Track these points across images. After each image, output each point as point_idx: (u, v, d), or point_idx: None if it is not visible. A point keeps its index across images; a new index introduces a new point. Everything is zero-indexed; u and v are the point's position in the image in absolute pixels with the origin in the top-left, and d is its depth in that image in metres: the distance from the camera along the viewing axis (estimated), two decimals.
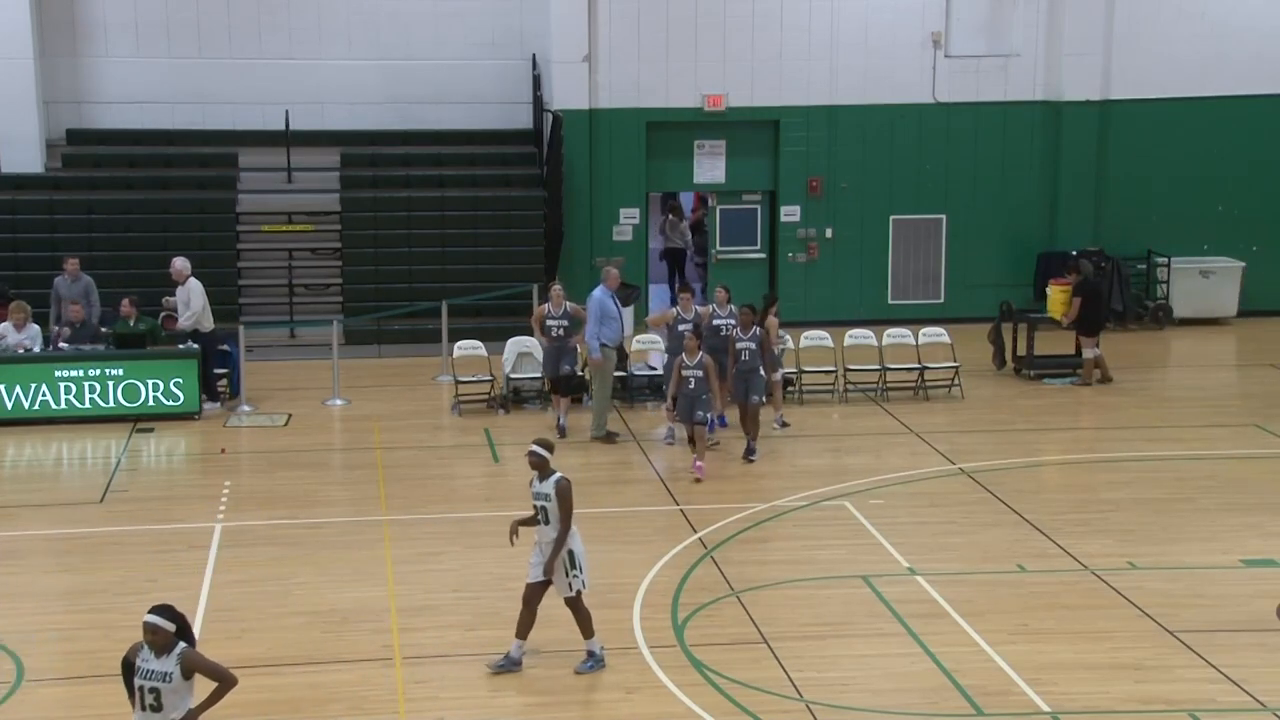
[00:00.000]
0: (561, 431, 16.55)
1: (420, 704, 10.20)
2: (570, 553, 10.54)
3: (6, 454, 16.55)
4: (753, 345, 15.86)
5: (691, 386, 15.18)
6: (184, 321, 18.11)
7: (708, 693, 10.32)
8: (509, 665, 10.65)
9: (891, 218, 23.14)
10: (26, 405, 17.34)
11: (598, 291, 16.82)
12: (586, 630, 10.73)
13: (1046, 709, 10.12)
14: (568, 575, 10.56)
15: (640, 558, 12.98)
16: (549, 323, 16.85)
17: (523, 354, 18.17)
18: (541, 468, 10.55)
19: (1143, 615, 11.68)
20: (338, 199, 22.17)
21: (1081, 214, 23.16)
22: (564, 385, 16.85)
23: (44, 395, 17.38)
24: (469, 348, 18.61)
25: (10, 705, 10.17)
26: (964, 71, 22.85)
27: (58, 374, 17.40)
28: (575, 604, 10.65)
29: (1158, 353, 21.66)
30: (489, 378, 18.01)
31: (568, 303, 16.93)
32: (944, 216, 23.24)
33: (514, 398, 18.03)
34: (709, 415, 15.41)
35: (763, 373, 15.98)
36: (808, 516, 14.19)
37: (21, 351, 17.67)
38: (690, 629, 11.44)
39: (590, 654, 10.74)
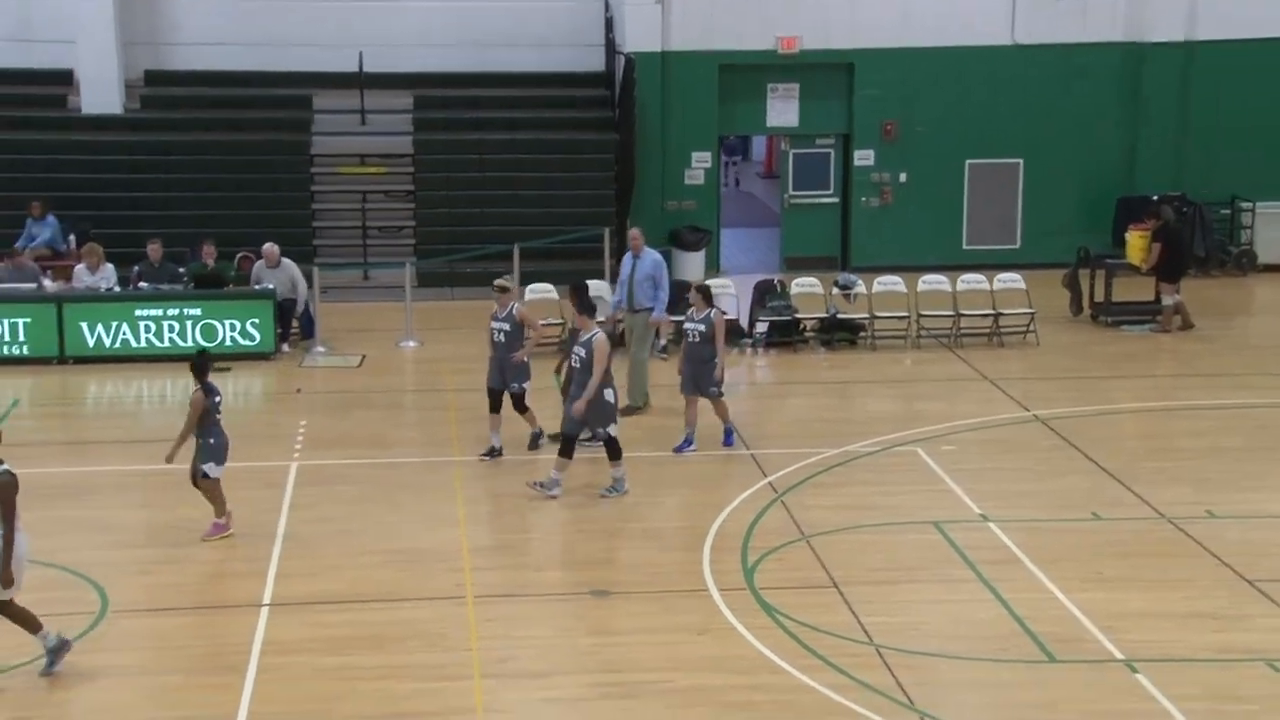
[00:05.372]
0: (533, 441, 14.43)
1: (491, 642, 10.30)
2: None
3: (88, 391, 16.86)
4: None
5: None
6: (301, 301, 18.24)
7: (777, 635, 10.34)
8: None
9: (967, 162, 22.82)
10: (107, 344, 17.66)
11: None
12: (30, 628, 9.70)
13: (1120, 656, 10.03)
14: None
15: (711, 501, 13.00)
16: (492, 325, 14.19)
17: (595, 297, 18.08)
18: None
19: (1220, 564, 11.54)
20: (410, 141, 22.23)
21: (1162, 158, 22.72)
22: (517, 403, 14.25)
23: (124, 334, 17.67)
24: (540, 290, 18.63)
25: (95, 635, 10.40)
26: (1043, 12, 22.40)
27: (137, 313, 17.67)
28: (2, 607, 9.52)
29: (1240, 299, 21.28)
30: (559, 320, 18.02)
31: (515, 304, 14.39)
32: (1021, 161, 22.89)
33: None
34: (715, 389, 14.09)
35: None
36: (879, 462, 14.12)
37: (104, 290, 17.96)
38: (760, 573, 11.45)
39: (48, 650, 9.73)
